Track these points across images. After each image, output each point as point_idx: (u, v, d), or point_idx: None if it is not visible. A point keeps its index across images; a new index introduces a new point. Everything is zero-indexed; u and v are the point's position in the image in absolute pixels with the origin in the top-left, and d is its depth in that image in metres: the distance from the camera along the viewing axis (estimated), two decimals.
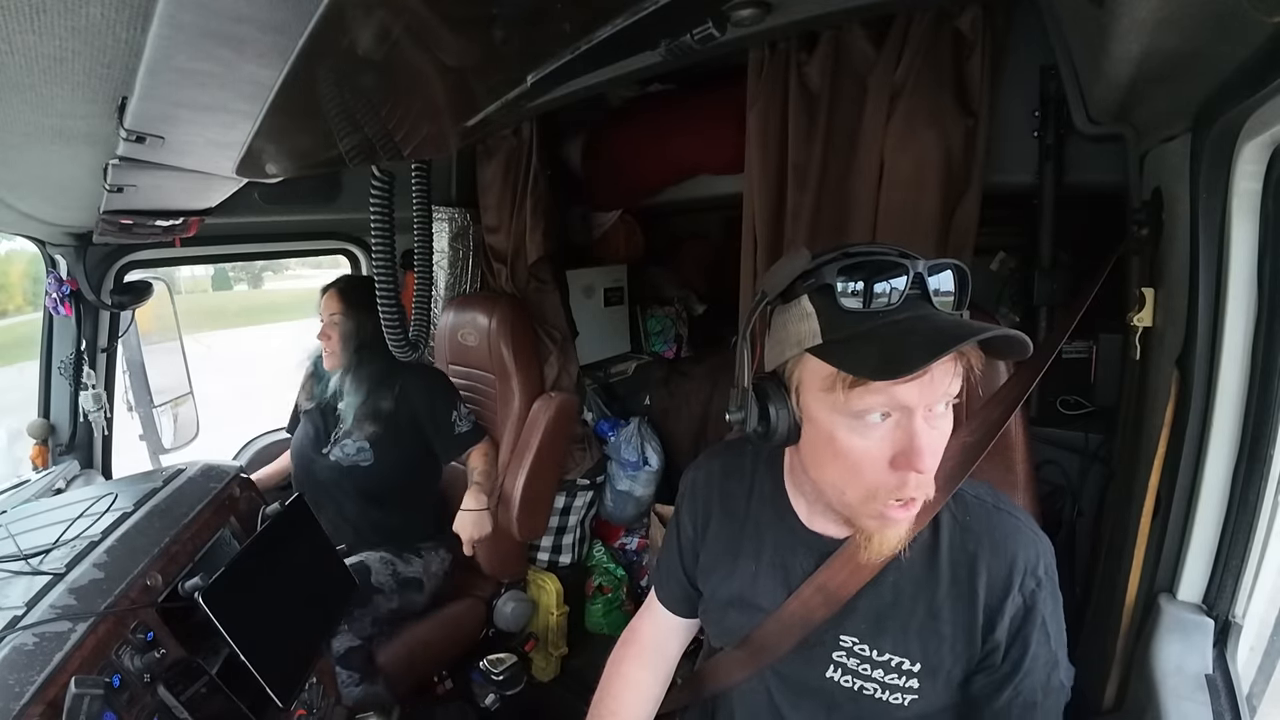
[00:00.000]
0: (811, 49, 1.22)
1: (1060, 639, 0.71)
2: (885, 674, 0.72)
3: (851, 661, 0.74)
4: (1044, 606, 0.69)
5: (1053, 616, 0.70)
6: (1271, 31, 0.49)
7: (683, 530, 0.91)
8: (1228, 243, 0.72)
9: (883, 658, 0.73)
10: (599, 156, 2.02)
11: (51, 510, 1.10)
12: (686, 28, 0.67)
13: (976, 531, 0.71)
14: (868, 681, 0.73)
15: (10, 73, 0.56)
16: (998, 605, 0.69)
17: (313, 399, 1.74)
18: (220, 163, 0.89)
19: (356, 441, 1.63)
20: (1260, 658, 0.80)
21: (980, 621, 0.69)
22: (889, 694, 0.72)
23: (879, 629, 0.73)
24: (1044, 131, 1.13)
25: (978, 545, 0.71)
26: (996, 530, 0.71)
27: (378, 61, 0.53)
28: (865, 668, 0.74)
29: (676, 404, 2.23)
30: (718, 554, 0.85)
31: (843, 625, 0.74)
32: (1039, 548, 0.71)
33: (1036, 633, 0.69)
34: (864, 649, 0.74)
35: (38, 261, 1.57)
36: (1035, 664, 0.69)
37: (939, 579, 0.71)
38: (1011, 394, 0.87)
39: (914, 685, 0.72)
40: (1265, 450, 0.72)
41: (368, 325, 1.59)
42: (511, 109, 0.71)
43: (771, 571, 0.80)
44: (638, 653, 0.95)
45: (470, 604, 1.73)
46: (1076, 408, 1.29)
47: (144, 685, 0.81)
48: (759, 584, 0.80)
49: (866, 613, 0.74)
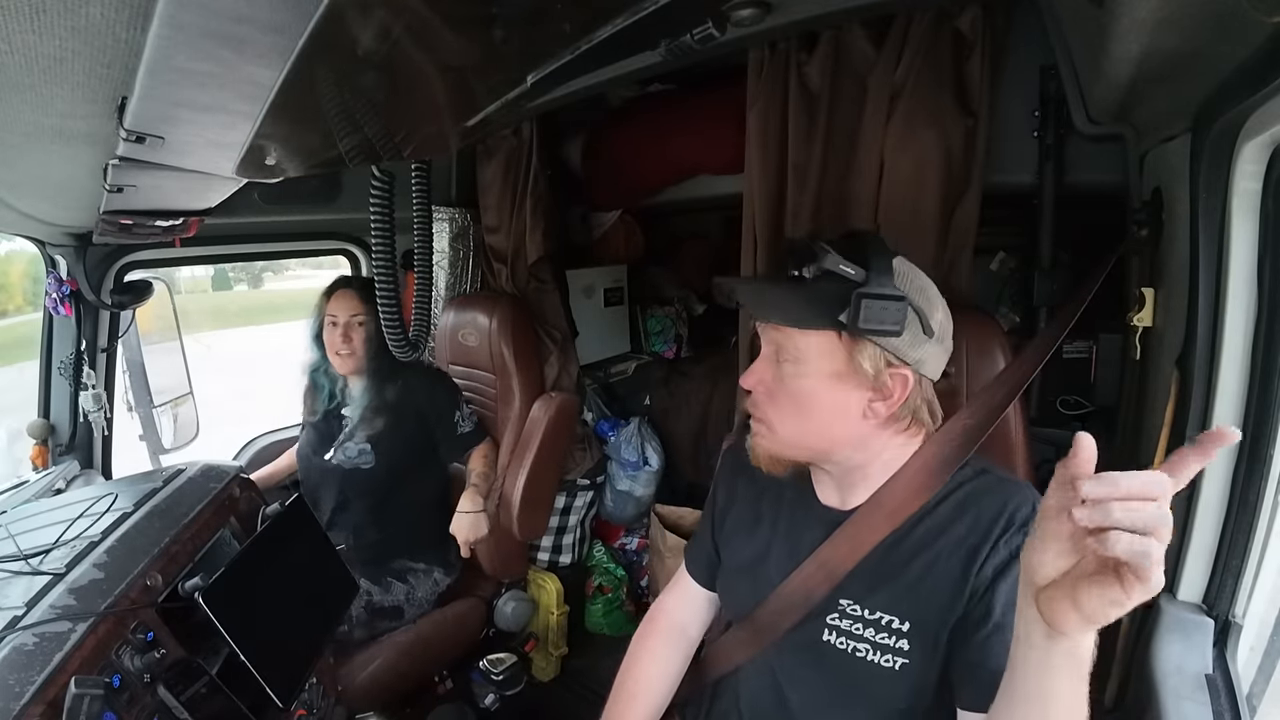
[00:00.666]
0: (811, 49, 1.22)
1: None
2: (876, 633, 0.75)
3: (845, 623, 0.78)
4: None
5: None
6: (1271, 31, 0.49)
7: (716, 501, 0.98)
8: (1228, 242, 0.72)
9: (874, 616, 0.76)
10: (599, 156, 2.02)
11: (51, 510, 1.10)
12: (686, 28, 0.67)
13: (976, 494, 0.75)
14: (860, 642, 0.76)
15: (10, 73, 0.56)
16: (985, 558, 0.70)
17: (315, 411, 1.69)
18: (220, 163, 0.89)
19: (358, 444, 1.59)
20: (1260, 658, 0.80)
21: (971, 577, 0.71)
22: (880, 655, 0.75)
23: (872, 589, 0.77)
24: (1044, 131, 1.13)
25: (976, 504, 0.74)
26: (996, 488, 0.75)
27: (378, 61, 0.53)
28: (858, 627, 0.77)
29: (676, 404, 2.23)
30: (741, 521, 0.92)
31: (841, 590, 0.78)
32: (1034, 503, 0.71)
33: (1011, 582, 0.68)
34: (856, 609, 0.77)
35: (38, 261, 1.57)
36: (1006, 618, 0.67)
37: (936, 543, 0.74)
38: (1013, 378, 0.87)
39: (903, 646, 0.74)
40: (1265, 450, 0.72)
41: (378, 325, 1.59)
42: (511, 109, 0.71)
43: (784, 542, 0.85)
44: (662, 629, 0.99)
45: (470, 604, 1.73)
46: (1076, 408, 1.29)
47: (144, 685, 0.81)
48: (772, 553, 0.86)
49: (862, 574, 0.77)
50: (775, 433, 0.79)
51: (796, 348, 0.75)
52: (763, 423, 0.80)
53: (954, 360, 0.90)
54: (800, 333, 0.74)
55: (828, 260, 0.72)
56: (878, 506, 0.77)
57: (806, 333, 0.74)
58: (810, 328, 0.73)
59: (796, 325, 0.74)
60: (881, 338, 0.71)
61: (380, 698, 1.46)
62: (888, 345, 0.72)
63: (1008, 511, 0.72)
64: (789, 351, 0.75)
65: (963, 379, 0.99)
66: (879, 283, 0.70)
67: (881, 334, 0.70)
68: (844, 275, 0.71)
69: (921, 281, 0.76)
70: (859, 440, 0.77)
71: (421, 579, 1.62)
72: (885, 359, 0.72)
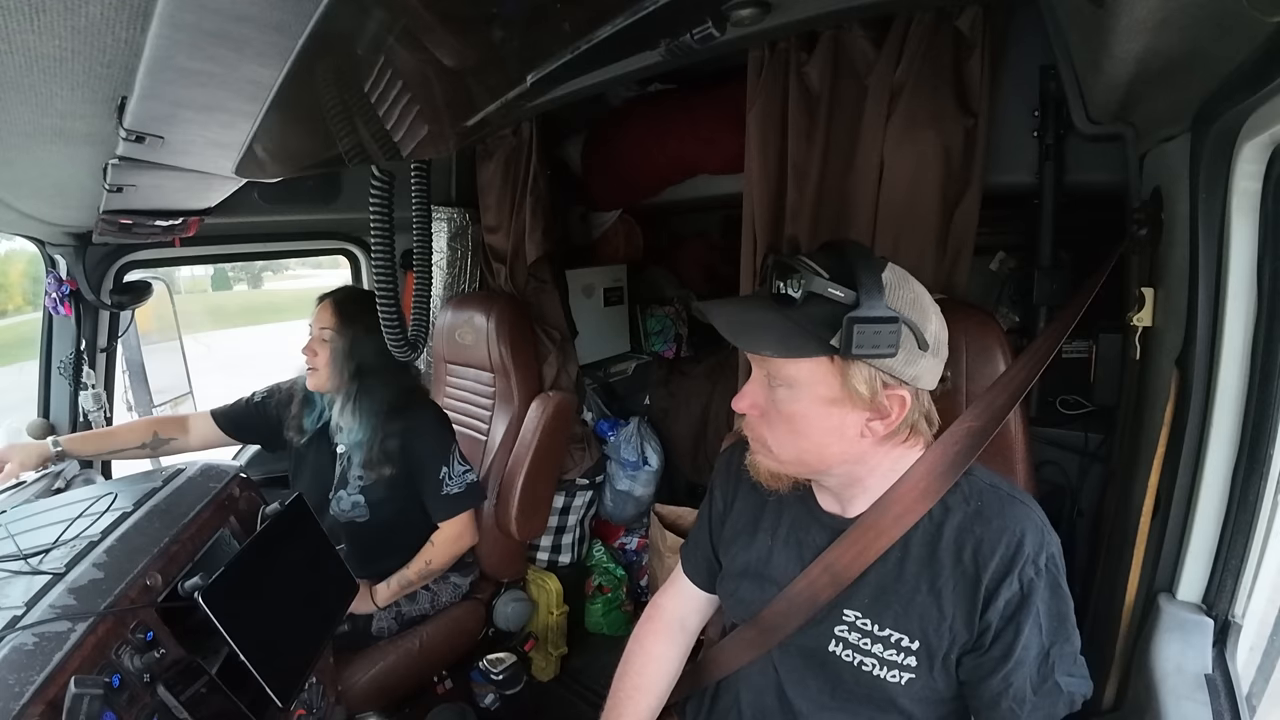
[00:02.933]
0: (811, 49, 1.22)
1: (1059, 637, 0.71)
2: (884, 649, 0.75)
3: (853, 636, 0.77)
4: (1039, 597, 0.70)
5: (1049, 613, 0.70)
6: (1271, 31, 0.49)
7: (714, 504, 0.98)
8: (1227, 242, 0.72)
9: (883, 633, 0.75)
10: (599, 156, 2.02)
11: (51, 510, 1.10)
12: (686, 27, 0.67)
13: (986, 515, 0.73)
14: (867, 657, 0.76)
15: (10, 73, 0.56)
16: (995, 588, 0.70)
17: (304, 432, 1.55)
18: (220, 162, 0.89)
19: (351, 495, 1.48)
20: (1260, 657, 0.79)
21: (980, 604, 0.71)
22: (887, 671, 0.75)
23: (882, 605, 0.76)
24: (1044, 131, 1.13)
25: (985, 528, 0.73)
26: (1007, 515, 0.73)
27: (377, 61, 0.53)
28: (866, 642, 0.76)
29: (676, 404, 2.23)
30: (740, 526, 0.91)
31: (848, 600, 0.78)
32: (1045, 539, 0.72)
33: (1029, 623, 0.70)
34: (865, 623, 0.77)
35: (37, 261, 1.57)
36: (1026, 654, 0.70)
37: (943, 560, 0.74)
38: (1016, 381, 0.87)
39: (911, 664, 0.74)
40: (1265, 450, 0.72)
41: (367, 347, 1.42)
42: (511, 109, 0.71)
43: (786, 548, 0.85)
44: (661, 628, 0.99)
45: (470, 604, 1.73)
46: (1076, 407, 1.29)
47: (144, 685, 0.81)
48: (774, 558, 0.85)
49: (870, 588, 0.77)
50: (772, 453, 0.78)
51: (788, 375, 0.73)
52: (759, 443, 0.79)
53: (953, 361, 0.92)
54: (791, 361, 0.72)
55: (815, 284, 0.69)
56: (884, 511, 0.76)
57: (798, 360, 0.72)
58: (800, 356, 0.71)
59: (785, 356, 0.72)
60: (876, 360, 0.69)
61: (380, 698, 1.46)
62: (882, 366, 0.70)
63: (1015, 540, 0.71)
64: (780, 378, 0.74)
65: (962, 379, 0.99)
66: (870, 304, 0.67)
67: (876, 358, 0.69)
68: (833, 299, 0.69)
69: (913, 292, 0.73)
70: (857, 456, 0.76)
71: (442, 586, 1.64)
72: (881, 380, 0.70)
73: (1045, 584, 0.70)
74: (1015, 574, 0.70)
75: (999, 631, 0.71)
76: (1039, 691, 0.70)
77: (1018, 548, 0.70)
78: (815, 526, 0.83)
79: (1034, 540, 0.71)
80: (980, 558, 0.71)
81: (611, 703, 0.94)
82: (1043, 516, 0.74)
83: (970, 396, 0.98)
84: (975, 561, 0.72)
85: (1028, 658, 0.70)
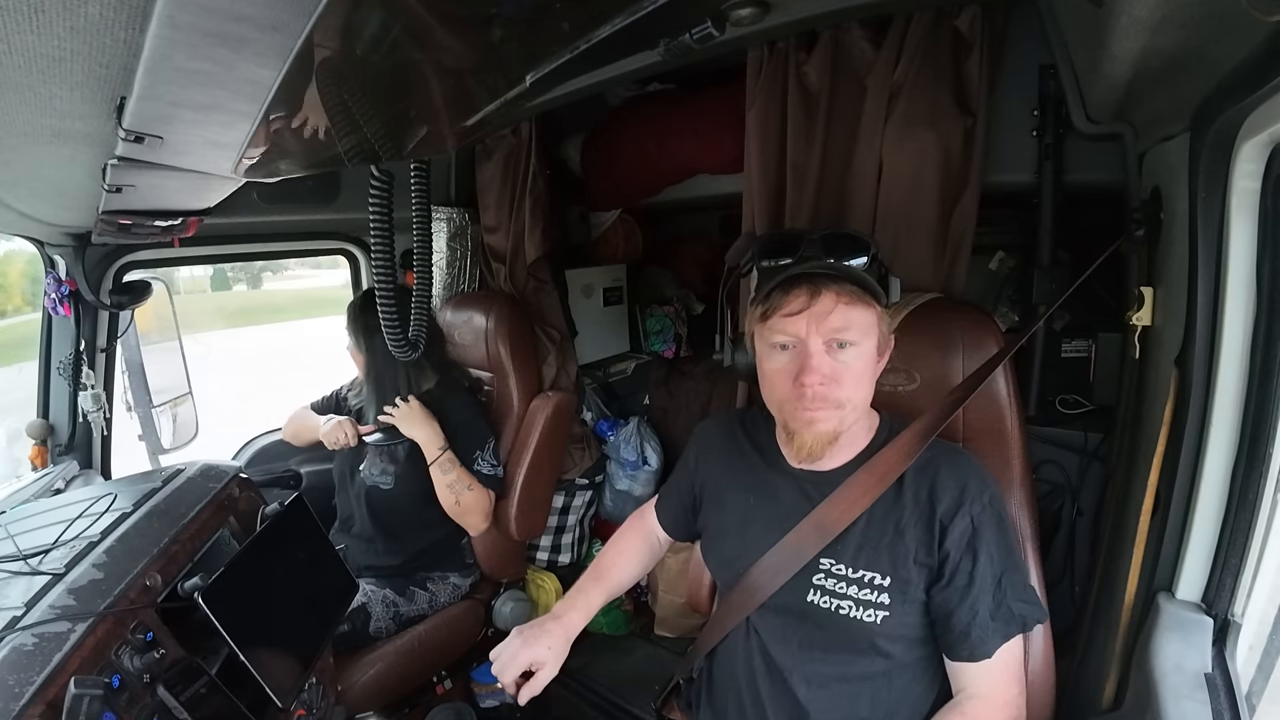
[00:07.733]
0: (810, 48, 1.22)
1: (1009, 565, 0.82)
2: (859, 590, 0.84)
3: (829, 582, 0.86)
4: (988, 529, 0.82)
5: (999, 544, 0.82)
6: (1270, 31, 0.49)
7: (687, 464, 1.09)
8: (1226, 241, 0.72)
9: (857, 574, 0.84)
10: (598, 156, 2.02)
11: (51, 510, 1.10)
12: (685, 27, 0.67)
13: (937, 463, 0.86)
14: (844, 600, 0.85)
15: (9, 73, 0.55)
16: (949, 522, 0.82)
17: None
18: (219, 163, 0.89)
19: (382, 462, 1.63)
20: (1259, 656, 0.79)
21: (936, 535, 0.82)
22: (863, 611, 0.83)
23: (855, 549, 0.85)
24: (1043, 131, 1.13)
25: (936, 472, 0.85)
26: (954, 462, 0.86)
27: (377, 61, 0.53)
28: (841, 585, 0.85)
29: (676, 404, 2.23)
30: (717, 487, 1.02)
31: (826, 550, 0.86)
32: (986, 482, 0.85)
33: (984, 551, 0.81)
34: (840, 568, 0.86)
35: (36, 262, 1.57)
36: (985, 580, 0.80)
37: (905, 503, 0.85)
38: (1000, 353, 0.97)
39: (884, 601, 0.83)
40: (1264, 449, 0.72)
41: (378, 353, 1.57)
42: (511, 109, 0.71)
43: (762, 504, 0.94)
44: (640, 529, 1.15)
45: (469, 604, 1.73)
46: (1075, 407, 1.29)
47: (143, 685, 0.81)
48: (755, 516, 0.94)
49: (844, 536, 0.86)
50: (844, 410, 0.84)
51: (864, 325, 0.82)
52: (829, 406, 0.84)
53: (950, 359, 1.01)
54: (862, 310, 0.82)
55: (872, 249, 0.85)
56: (872, 470, 0.86)
57: (867, 310, 0.83)
58: (877, 305, 0.84)
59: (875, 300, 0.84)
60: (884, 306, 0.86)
61: (380, 698, 1.46)
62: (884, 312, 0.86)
63: (962, 483, 0.83)
64: (852, 332, 0.82)
65: (959, 377, 0.99)
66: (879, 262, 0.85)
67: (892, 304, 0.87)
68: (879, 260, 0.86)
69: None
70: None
71: (441, 586, 1.68)
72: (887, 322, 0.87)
73: (991, 518, 0.82)
74: (965, 508, 0.82)
75: (958, 562, 0.81)
76: (995, 616, 0.80)
77: (964, 489, 0.83)
78: (786, 482, 0.93)
79: (977, 483, 0.84)
80: (935, 498, 0.83)
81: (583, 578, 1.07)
82: (983, 467, 0.88)
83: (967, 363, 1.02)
84: (930, 501, 0.83)
85: (986, 584, 0.80)
